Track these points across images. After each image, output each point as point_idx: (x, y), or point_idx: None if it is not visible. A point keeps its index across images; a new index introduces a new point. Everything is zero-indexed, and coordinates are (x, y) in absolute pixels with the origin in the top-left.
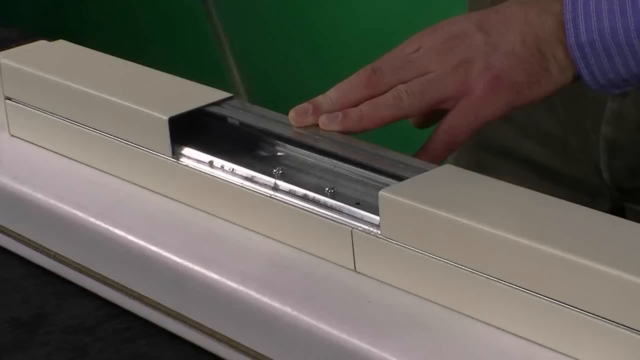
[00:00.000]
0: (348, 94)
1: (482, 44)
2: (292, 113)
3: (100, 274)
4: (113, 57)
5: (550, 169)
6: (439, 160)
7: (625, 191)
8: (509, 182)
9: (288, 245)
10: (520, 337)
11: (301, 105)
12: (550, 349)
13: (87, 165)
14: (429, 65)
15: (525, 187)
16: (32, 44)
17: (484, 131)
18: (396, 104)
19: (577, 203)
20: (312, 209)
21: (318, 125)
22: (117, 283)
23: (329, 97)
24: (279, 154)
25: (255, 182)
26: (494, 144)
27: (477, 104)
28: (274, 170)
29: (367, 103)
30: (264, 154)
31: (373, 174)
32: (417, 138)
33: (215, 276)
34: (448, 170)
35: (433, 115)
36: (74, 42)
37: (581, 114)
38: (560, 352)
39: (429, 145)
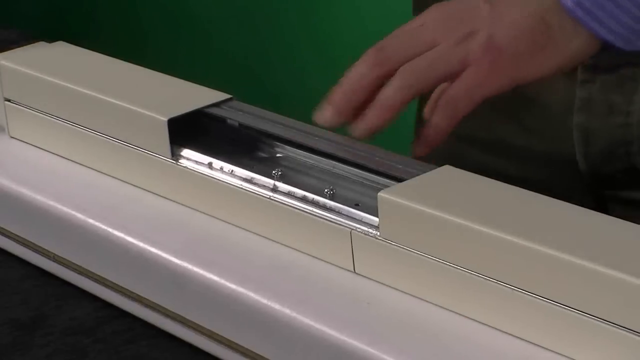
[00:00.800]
0: (360, 80)
1: (487, 15)
2: (318, 121)
3: (99, 276)
4: (112, 58)
5: (528, 158)
6: (441, 137)
7: (601, 177)
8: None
9: (287, 246)
10: (520, 338)
11: (320, 110)
12: (550, 350)
13: (86, 166)
14: (434, 39)
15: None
16: (31, 45)
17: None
18: (406, 85)
19: (558, 198)
20: (311, 211)
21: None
22: (117, 284)
23: (342, 92)
24: (278, 155)
25: (255, 184)
26: (477, 138)
27: (480, 76)
28: (273, 172)
29: (377, 101)
30: (263, 155)
31: (372, 175)
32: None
33: (215, 277)
34: (447, 172)
35: None
36: (74, 44)
37: (544, 112)
38: (559, 354)
39: (433, 119)
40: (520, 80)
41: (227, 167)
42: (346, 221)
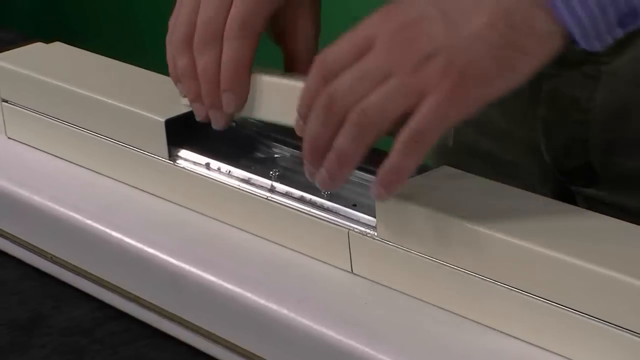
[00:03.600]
0: (317, 140)
1: (442, 32)
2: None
3: (97, 276)
4: (109, 59)
5: (512, 143)
6: (406, 178)
7: (565, 172)
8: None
9: (285, 247)
10: (517, 338)
11: (312, 174)
12: (548, 350)
13: (83, 167)
14: (386, 71)
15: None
16: (28, 46)
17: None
18: (360, 133)
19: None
20: (309, 211)
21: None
22: (114, 285)
23: (309, 152)
24: (275, 155)
25: (252, 184)
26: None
27: (445, 104)
28: (271, 172)
29: (334, 152)
30: (260, 155)
31: (370, 176)
32: None
33: (212, 278)
34: (444, 172)
35: None
36: (71, 45)
37: (521, 100)
38: (558, 354)
39: (395, 160)
40: (491, 96)
41: (225, 167)
42: (344, 221)
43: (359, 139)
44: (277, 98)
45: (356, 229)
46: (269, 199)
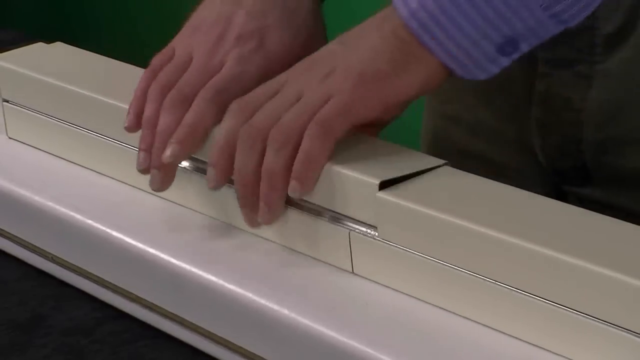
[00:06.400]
0: (248, 173)
1: (341, 53)
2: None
3: (98, 276)
4: (111, 59)
5: (504, 144)
6: (319, 168)
7: (559, 172)
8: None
9: (285, 247)
10: (518, 338)
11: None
12: (548, 350)
13: (84, 167)
14: (298, 92)
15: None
16: (29, 46)
17: (436, 133)
18: (281, 146)
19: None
20: (310, 211)
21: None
22: (115, 285)
23: (241, 188)
24: None
25: None
26: (446, 145)
27: (348, 100)
28: None
29: (264, 175)
30: None
31: None
32: (413, 139)
33: (213, 278)
34: (445, 172)
35: None
36: (72, 45)
37: (513, 100)
38: (558, 354)
39: (304, 143)
40: (392, 100)
41: None
42: (345, 222)
43: (281, 154)
44: None
45: (357, 229)
46: None
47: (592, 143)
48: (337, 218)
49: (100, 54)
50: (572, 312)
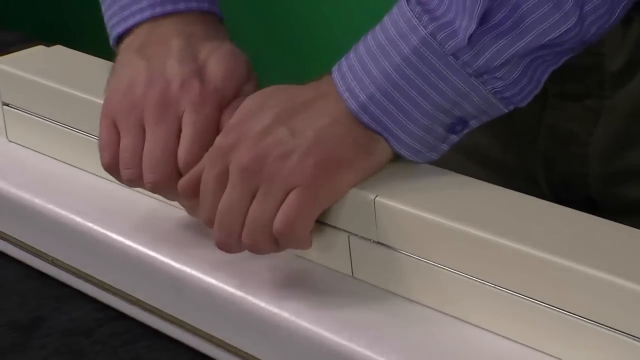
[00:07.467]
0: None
1: (288, 136)
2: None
3: (98, 279)
4: (110, 62)
5: (504, 173)
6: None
7: (564, 203)
8: None
9: (285, 251)
10: (516, 341)
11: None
12: (546, 353)
13: (84, 170)
14: (252, 188)
15: None
16: (29, 49)
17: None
18: (254, 245)
19: None
20: None
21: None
22: (115, 288)
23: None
24: None
25: None
26: (461, 145)
27: (312, 193)
28: None
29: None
30: None
31: None
32: None
33: (213, 281)
34: (446, 177)
35: None
36: (72, 46)
37: (517, 131)
38: (556, 357)
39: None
40: (358, 177)
41: None
42: (344, 226)
43: (261, 248)
44: None
45: (357, 233)
46: None
47: (598, 175)
48: (336, 222)
49: (100, 57)
50: (571, 315)
